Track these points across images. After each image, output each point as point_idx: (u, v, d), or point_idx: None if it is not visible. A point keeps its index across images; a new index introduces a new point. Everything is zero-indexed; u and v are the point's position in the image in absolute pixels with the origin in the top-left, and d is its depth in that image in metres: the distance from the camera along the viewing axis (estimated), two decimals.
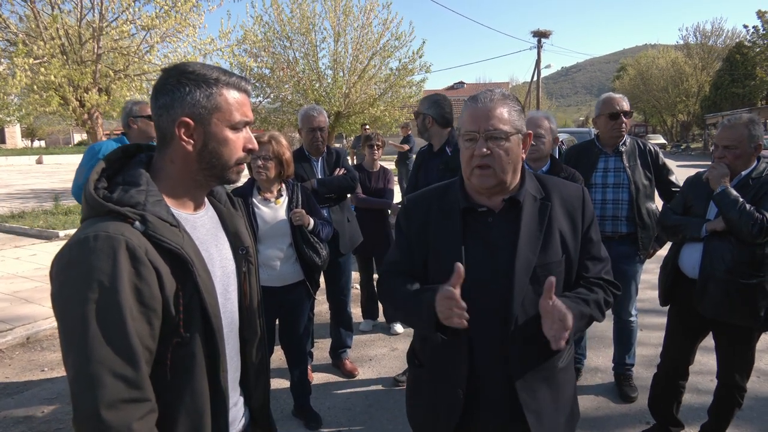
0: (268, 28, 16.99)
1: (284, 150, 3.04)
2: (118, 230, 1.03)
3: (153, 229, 1.07)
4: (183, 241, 1.12)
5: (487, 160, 1.48)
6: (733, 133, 2.60)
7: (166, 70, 1.19)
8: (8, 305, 5.43)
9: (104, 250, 1.00)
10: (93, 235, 1.02)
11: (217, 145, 1.18)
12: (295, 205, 3.12)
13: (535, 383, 1.53)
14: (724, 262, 2.55)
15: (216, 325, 1.16)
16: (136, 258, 1.02)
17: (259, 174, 3.00)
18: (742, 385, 2.76)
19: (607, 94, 3.55)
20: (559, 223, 1.57)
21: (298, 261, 3.12)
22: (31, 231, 9.27)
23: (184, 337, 1.11)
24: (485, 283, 1.51)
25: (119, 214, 1.06)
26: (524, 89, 49.60)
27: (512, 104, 1.53)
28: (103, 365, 0.98)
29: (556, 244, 1.54)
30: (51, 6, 9.82)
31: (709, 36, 53.89)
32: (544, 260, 1.52)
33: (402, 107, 18.92)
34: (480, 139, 1.48)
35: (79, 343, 0.99)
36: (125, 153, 1.22)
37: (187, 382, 1.12)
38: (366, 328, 4.94)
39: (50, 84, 9.45)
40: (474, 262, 1.51)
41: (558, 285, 1.52)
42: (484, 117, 1.49)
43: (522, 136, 1.54)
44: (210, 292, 1.15)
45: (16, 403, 3.65)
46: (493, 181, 1.51)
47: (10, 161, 32.15)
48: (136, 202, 1.08)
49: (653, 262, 4.67)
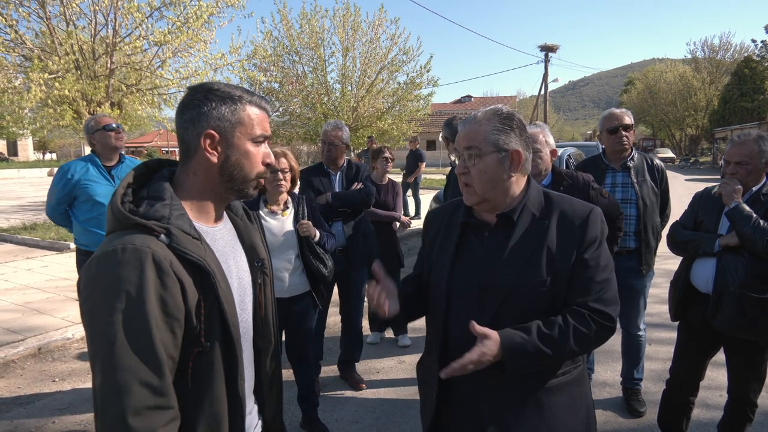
0: (278, 43, 17.24)
1: (296, 163, 3.17)
2: (145, 243, 1.08)
3: (177, 242, 1.11)
4: (205, 253, 1.17)
5: (466, 178, 1.53)
6: (743, 149, 2.62)
7: (192, 87, 1.25)
8: (20, 316, 5.49)
9: (131, 261, 1.05)
10: (121, 247, 1.06)
11: (239, 157, 1.24)
12: (301, 217, 3.18)
13: (509, 403, 1.50)
14: (738, 276, 2.54)
15: (235, 335, 1.20)
16: (162, 269, 1.07)
17: (280, 186, 3.07)
18: (754, 400, 2.75)
19: (607, 110, 3.57)
20: (552, 243, 1.50)
21: (305, 272, 3.18)
22: (42, 243, 9.36)
23: (204, 346, 1.15)
24: (463, 294, 1.55)
25: (145, 228, 1.10)
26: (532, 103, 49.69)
27: (498, 123, 1.51)
28: (130, 373, 1.01)
29: (542, 264, 1.48)
30: (66, 22, 10.03)
31: (717, 50, 53.90)
32: (524, 279, 1.47)
33: (410, 121, 19.03)
34: (461, 158, 1.54)
35: (106, 352, 1.02)
36: (148, 168, 1.27)
37: (206, 389, 1.16)
38: (374, 340, 4.95)
39: (64, 98, 9.63)
40: (464, 273, 1.56)
41: (538, 306, 1.50)
42: (463, 136, 1.54)
43: (505, 154, 1.50)
44: (230, 302, 1.20)
45: (28, 413, 3.68)
46: (475, 199, 1.54)
47: (22, 173, 32.47)
48: (161, 216, 1.13)
49: (662, 276, 4.67)
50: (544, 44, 33.85)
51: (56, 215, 3.81)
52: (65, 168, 3.70)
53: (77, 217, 3.72)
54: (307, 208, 3.25)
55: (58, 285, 6.68)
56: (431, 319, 1.68)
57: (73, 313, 5.54)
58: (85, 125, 3.77)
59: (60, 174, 3.69)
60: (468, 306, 1.54)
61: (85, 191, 3.64)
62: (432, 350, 1.65)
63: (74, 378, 4.25)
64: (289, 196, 3.23)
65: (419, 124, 20.36)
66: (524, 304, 1.49)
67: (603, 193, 3.05)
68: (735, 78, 42.95)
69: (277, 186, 3.06)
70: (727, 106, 42.32)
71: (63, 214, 3.78)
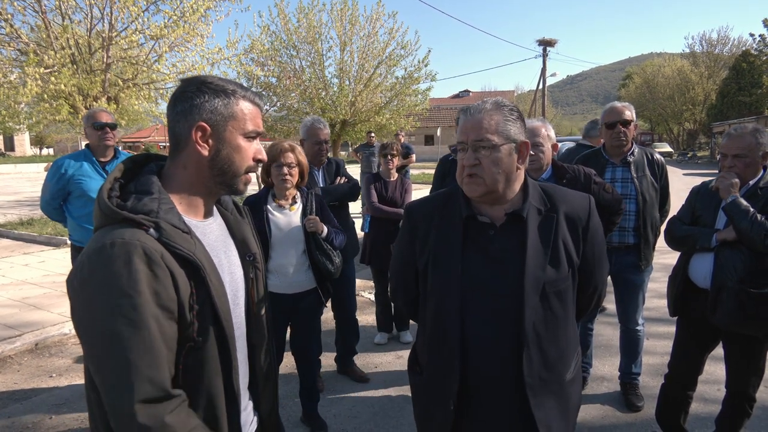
0: (275, 37, 17.16)
1: (304, 158, 3.13)
2: (134, 236, 1.06)
3: (166, 236, 1.10)
4: (195, 247, 1.15)
5: (476, 169, 1.48)
6: (741, 142, 2.60)
7: (185, 80, 1.23)
8: (17, 311, 5.47)
9: (121, 256, 1.03)
10: (110, 242, 1.05)
11: (230, 151, 1.23)
12: (309, 212, 3.14)
13: (545, 398, 1.51)
14: (736, 271, 2.53)
15: (228, 330, 1.19)
16: (153, 261, 1.06)
17: (285, 181, 3.03)
18: (753, 395, 2.75)
19: (609, 104, 3.53)
20: (564, 235, 1.54)
21: (311, 268, 3.14)
22: (39, 238, 9.34)
23: (197, 342, 1.14)
24: (488, 295, 1.50)
25: (134, 222, 1.09)
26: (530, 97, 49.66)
27: (506, 113, 1.50)
28: (131, 368, 1.01)
29: (562, 258, 1.52)
30: (62, 16, 9.95)
31: (715, 44, 53.90)
32: (552, 276, 1.49)
33: (408, 115, 18.99)
34: (469, 150, 1.49)
35: (105, 348, 1.02)
36: (135, 163, 1.26)
37: (201, 384, 1.15)
38: (381, 340, 4.87)
39: (60, 93, 9.57)
40: (474, 273, 1.51)
41: (568, 299, 1.53)
42: (472, 127, 1.49)
43: (516, 146, 1.50)
44: (221, 297, 1.19)
45: (25, 409, 3.67)
46: (482, 189, 1.50)
47: (18, 169, 32.40)
48: (150, 210, 1.11)
49: (660, 271, 4.66)
50: (542, 39, 33.89)
51: (50, 210, 3.79)
52: (59, 163, 3.68)
53: (71, 212, 3.70)
54: (316, 203, 3.21)
55: (55, 280, 6.65)
56: (437, 322, 1.58)
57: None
58: (84, 116, 3.78)
59: (54, 169, 3.67)
60: (486, 307, 1.50)
61: (79, 186, 3.62)
62: (442, 355, 1.55)
63: (71, 374, 4.24)
64: (298, 191, 3.19)
65: (417, 119, 20.31)
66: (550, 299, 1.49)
67: (606, 188, 3.03)
68: (733, 72, 42.97)
69: (283, 180, 3.03)
70: (725, 100, 42.35)
71: (57, 209, 3.77)
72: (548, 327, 1.50)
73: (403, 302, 1.80)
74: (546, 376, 1.51)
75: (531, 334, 1.47)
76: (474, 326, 1.50)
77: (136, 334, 1.02)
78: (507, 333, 1.48)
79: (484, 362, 1.51)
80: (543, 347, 1.49)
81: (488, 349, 1.50)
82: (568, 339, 1.58)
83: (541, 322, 1.48)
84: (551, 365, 1.51)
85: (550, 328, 1.50)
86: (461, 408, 1.54)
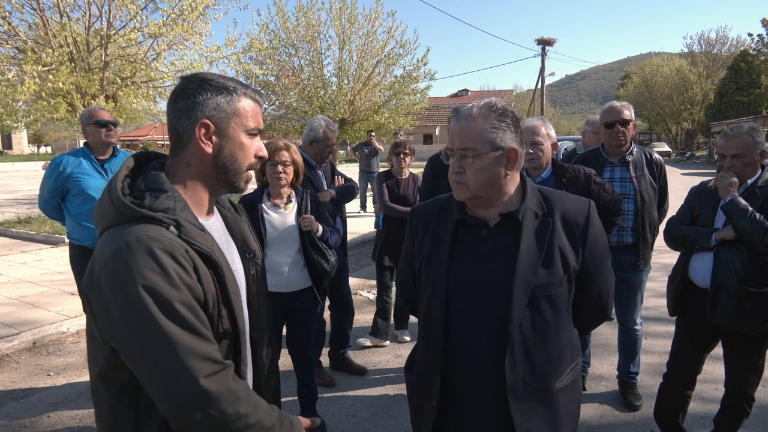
0: (274, 36, 17.14)
1: (299, 157, 3.12)
2: (158, 233, 1.07)
3: (186, 233, 1.11)
4: (212, 245, 1.17)
5: (460, 177, 1.48)
6: (738, 141, 2.60)
7: (186, 77, 1.23)
8: (15, 310, 5.46)
9: (147, 251, 1.04)
10: (134, 240, 1.05)
11: (234, 148, 1.23)
12: (305, 211, 3.14)
13: (530, 404, 1.47)
14: (736, 271, 2.53)
15: (241, 325, 1.22)
16: (181, 257, 1.07)
17: (279, 180, 3.03)
18: (752, 394, 2.75)
19: (608, 103, 3.53)
20: (560, 240, 1.51)
21: (306, 267, 3.14)
22: (37, 236, 9.31)
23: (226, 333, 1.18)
24: (476, 294, 1.50)
25: (153, 219, 1.09)
26: (528, 97, 49.69)
27: (494, 120, 1.45)
28: (185, 351, 1.04)
29: (557, 262, 1.49)
30: (60, 14, 9.93)
31: (713, 44, 53.98)
32: (544, 279, 1.46)
33: (406, 114, 18.97)
34: (454, 157, 1.49)
35: (153, 341, 1.02)
36: (137, 161, 1.26)
37: None
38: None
39: (58, 91, 9.55)
40: (463, 272, 1.51)
41: (561, 305, 1.52)
42: (458, 134, 1.48)
43: (503, 153, 1.47)
44: (235, 293, 1.21)
45: (23, 408, 3.66)
46: (467, 194, 1.50)
47: (16, 167, 32.33)
48: (167, 208, 1.12)
49: (659, 270, 4.67)
50: (541, 38, 33.83)
51: (49, 208, 3.78)
52: (57, 161, 3.67)
53: (69, 210, 3.69)
54: (311, 202, 3.21)
55: (53, 279, 6.64)
56: (426, 320, 1.59)
57: (68, 307, 5.52)
58: (81, 115, 3.76)
59: (52, 167, 3.66)
60: (472, 307, 1.50)
61: (77, 184, 3.61)
62: (428, 353, 1.57)
63: (69, 372, 4.23)
64: (293, 189, 3.19)
65: (416, 118, 20.30)
66: (540, 302, 1.47)
67: (606, 188, 3.02)
68: (731, 72, 43.06)
69: (277, 178, 3.03)
70: (724, 100, 42.43)
71: (55, 208, 3.75)
72: (536, 331, 1.47)
73: (404, 301, 1.83)
74: (531, 381, 1.47)
75: (517, 336, 1.45)
76: (459, 324, 1.51)
77: (178, 321, 1.04)
78: (493, 333, 1.46)
79: (467, 361, 1.50)
80: (529, 351, 1.46)
81: (472, 348, 1.49)
82: (561, 346, 1.53)
83: (529, 325, 1.46)
84: (537, 370, 1.48)
85: (538, 332, 1.47)
86: (445, 407, 1.55)
